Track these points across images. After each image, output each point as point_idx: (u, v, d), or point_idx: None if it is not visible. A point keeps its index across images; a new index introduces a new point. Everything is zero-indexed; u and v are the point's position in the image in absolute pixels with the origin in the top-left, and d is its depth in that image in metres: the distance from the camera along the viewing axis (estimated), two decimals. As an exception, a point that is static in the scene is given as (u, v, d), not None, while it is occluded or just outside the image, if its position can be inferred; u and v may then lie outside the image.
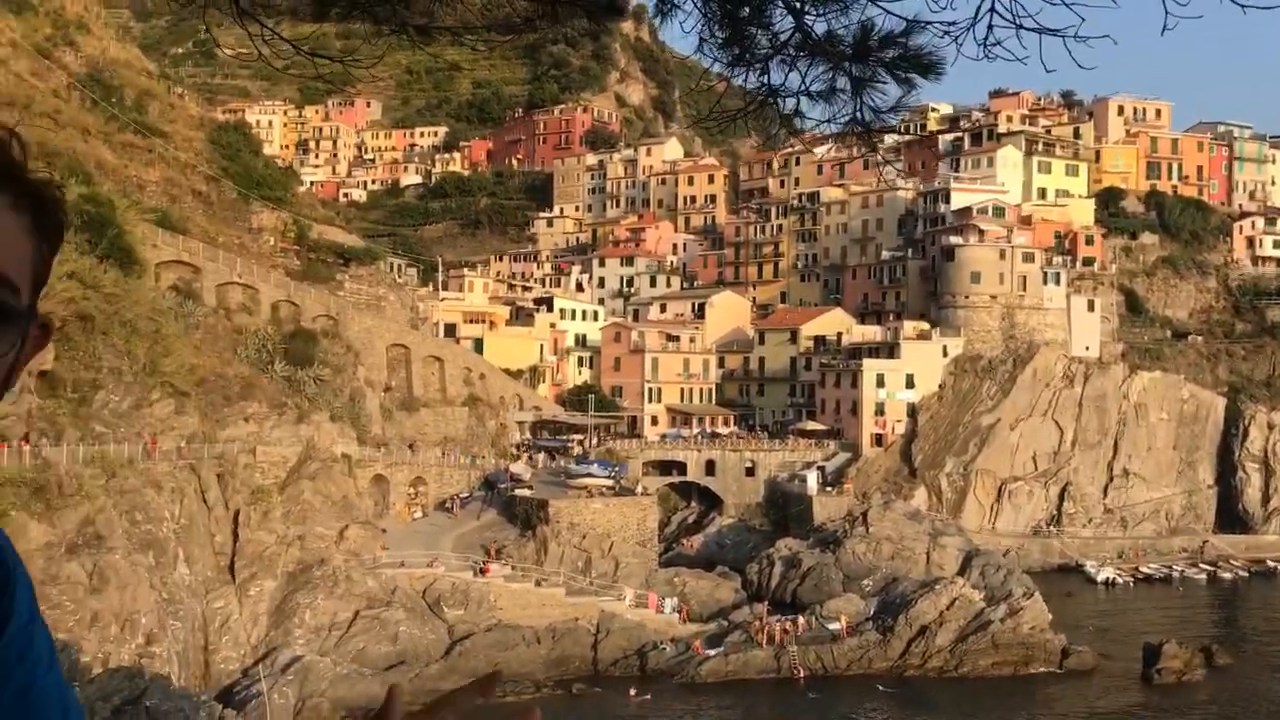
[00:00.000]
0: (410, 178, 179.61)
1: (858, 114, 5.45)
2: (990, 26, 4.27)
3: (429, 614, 54.92)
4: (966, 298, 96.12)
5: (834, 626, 57.52)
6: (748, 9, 5.41)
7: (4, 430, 40.22)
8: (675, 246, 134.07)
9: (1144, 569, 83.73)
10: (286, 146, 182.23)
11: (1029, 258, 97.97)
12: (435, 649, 52.81)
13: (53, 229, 1.22)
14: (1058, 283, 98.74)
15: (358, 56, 5.06)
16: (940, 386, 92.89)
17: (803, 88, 5.28)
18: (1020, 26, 4.16)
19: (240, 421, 55.66)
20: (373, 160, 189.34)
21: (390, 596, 53.61)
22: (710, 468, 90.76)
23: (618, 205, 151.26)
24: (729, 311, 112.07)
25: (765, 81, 5.52)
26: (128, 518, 42.67)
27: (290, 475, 55.35)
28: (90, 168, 61.00)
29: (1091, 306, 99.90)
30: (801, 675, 54.03)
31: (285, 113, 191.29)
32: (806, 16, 4.81)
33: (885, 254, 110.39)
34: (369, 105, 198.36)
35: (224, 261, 67.35)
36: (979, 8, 4.22)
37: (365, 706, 46.75)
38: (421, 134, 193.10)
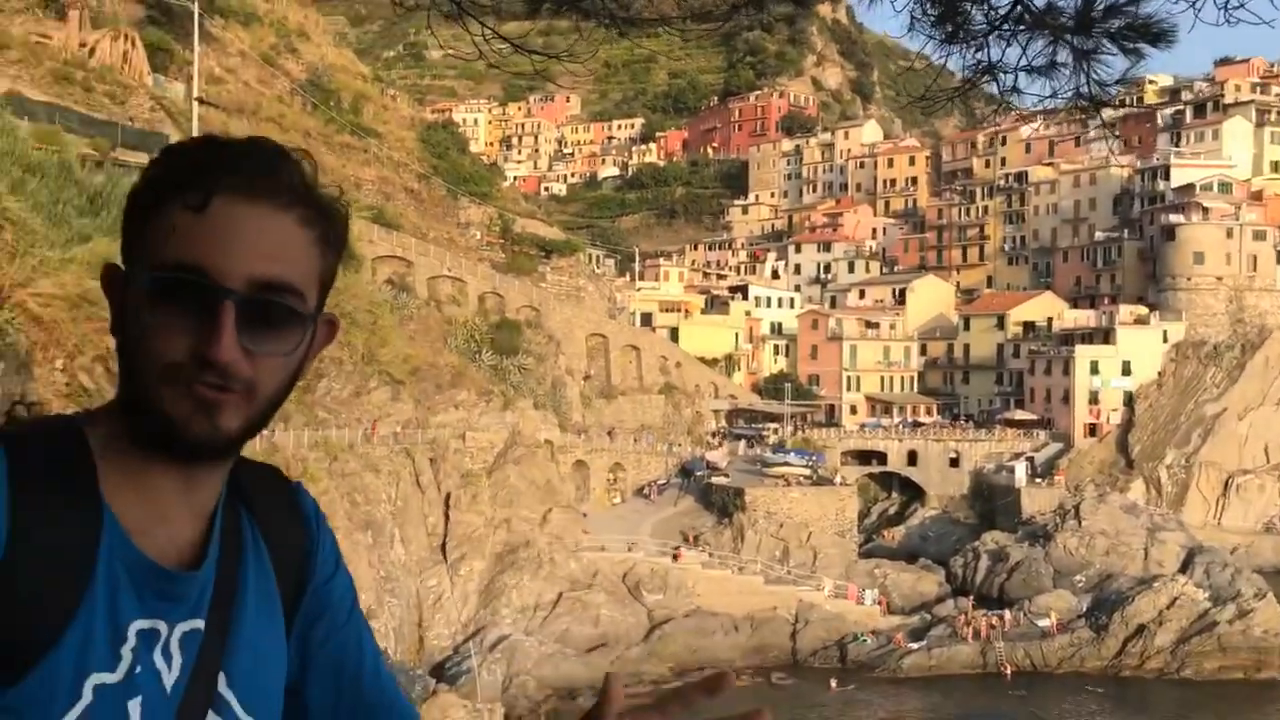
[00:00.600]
0: (607, 170, 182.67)
1: (1081, 88, 5.22)
2: (1233, -12, 4.00)
3: (629, 598, 55.86)
4: (1189, 280, 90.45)
5: (1043, 623, 55.33)
6: (962, -17, 5.25)
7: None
8: (874, 231, 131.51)
9: (1394, 572, 76.95)
10: (491, 143, 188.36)
11: (1260, 236, 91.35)
12: (635, 632, 53.68)
13: (338, 239, 1.37)
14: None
15: (570, 52, 5.19)
16: (1159, 374, 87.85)
17: (1021, 63, 5.10)
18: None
19: (450, 408, 57.97)
20: (572, 154, 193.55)
21: (592, 579, 54.81)
22: (912, 458, 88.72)
23: (814, 191, 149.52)
24: (931, 297, 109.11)
25: (981, 58, 5.35)
26: (348, 499, 45.12)
27: (497, 460, 57.32)
28: (312, 169, 64.56)
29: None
30: (1009, 672, 52.29)
31: (489, 110, 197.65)
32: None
33: (1099, 235, 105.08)
34: (568, 100, 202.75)
35: (434, 255, 70.19)
36: (1221, -31, 3.96)
37: (568, 686, 48.06)
38: (619, 126, 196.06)
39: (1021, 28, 5.02)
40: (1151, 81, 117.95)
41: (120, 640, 1.22)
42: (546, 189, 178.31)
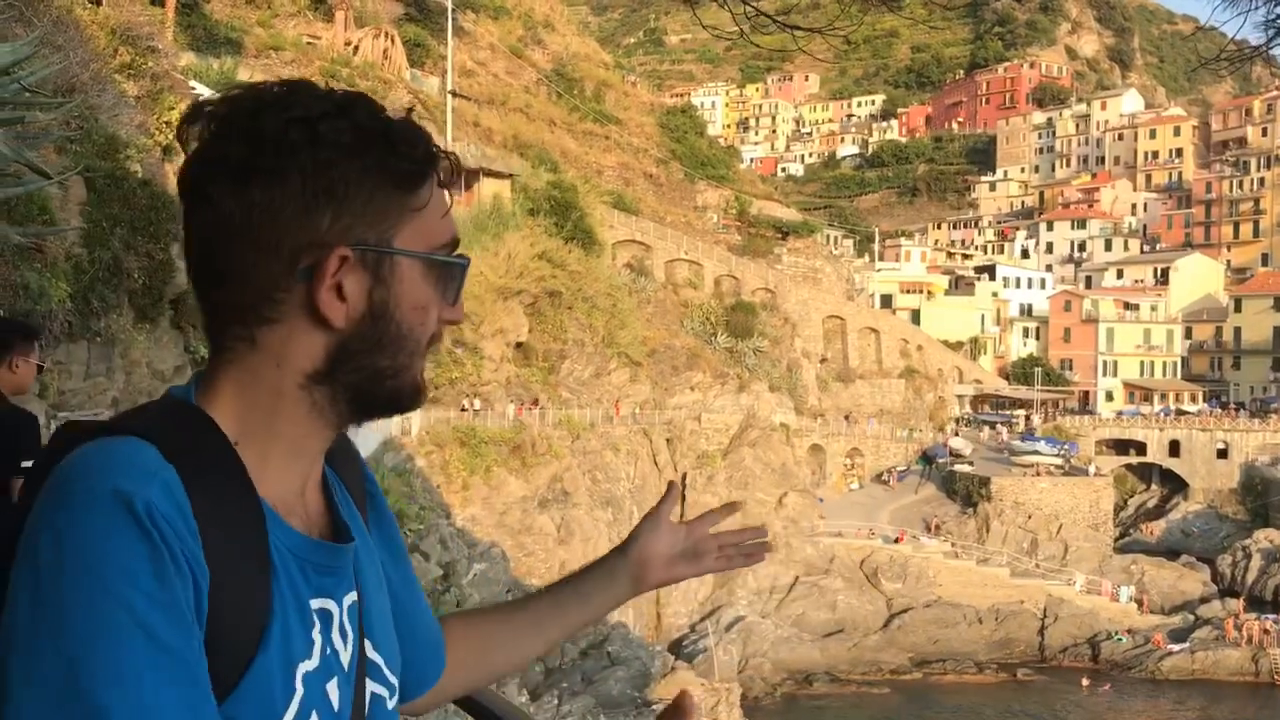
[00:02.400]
0: (847, 149, 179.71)
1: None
2: None
3: (866, 585, 54.99)
4: None
5: (1326, 632, 50.78)
6: (1260, -69, 4.77)
7: (489, 395, 45.12)
8: (1134, 207, 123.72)
9: None
10: (728, 126, 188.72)
11: None
12: (874, 620, 52.81)
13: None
14: None
15: (832, 26, 5.05)
16: None
17: (1331, 15, 4.58)
18: None
19: (687, 390, 58.61)
20: (810, 134, 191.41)
21: (828, 565, 54.27)
22: (1174, 449, 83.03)
23: (1068, 165, 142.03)
24: (1197, 276, 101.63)
25: (1278, 14, 4.85)
26: (589, 476, 46.41)
27: (732, 442, 57.56)
28: (556, 156, 66.65)
29: None
30: (1284, 683, 48.31)
31: (727, 94, 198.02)
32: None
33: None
34: (806, 79, 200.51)
35: (672, 239, 71.03)
36: None
37: (804, 670, 47.82)
38: (859, 104, 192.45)
39: (1332, -24, 4.52)
40: None
41: (309, 624, 1.24)
42: (784, 170, 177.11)
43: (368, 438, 32.10)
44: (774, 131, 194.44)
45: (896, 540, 58.24)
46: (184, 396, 1.25)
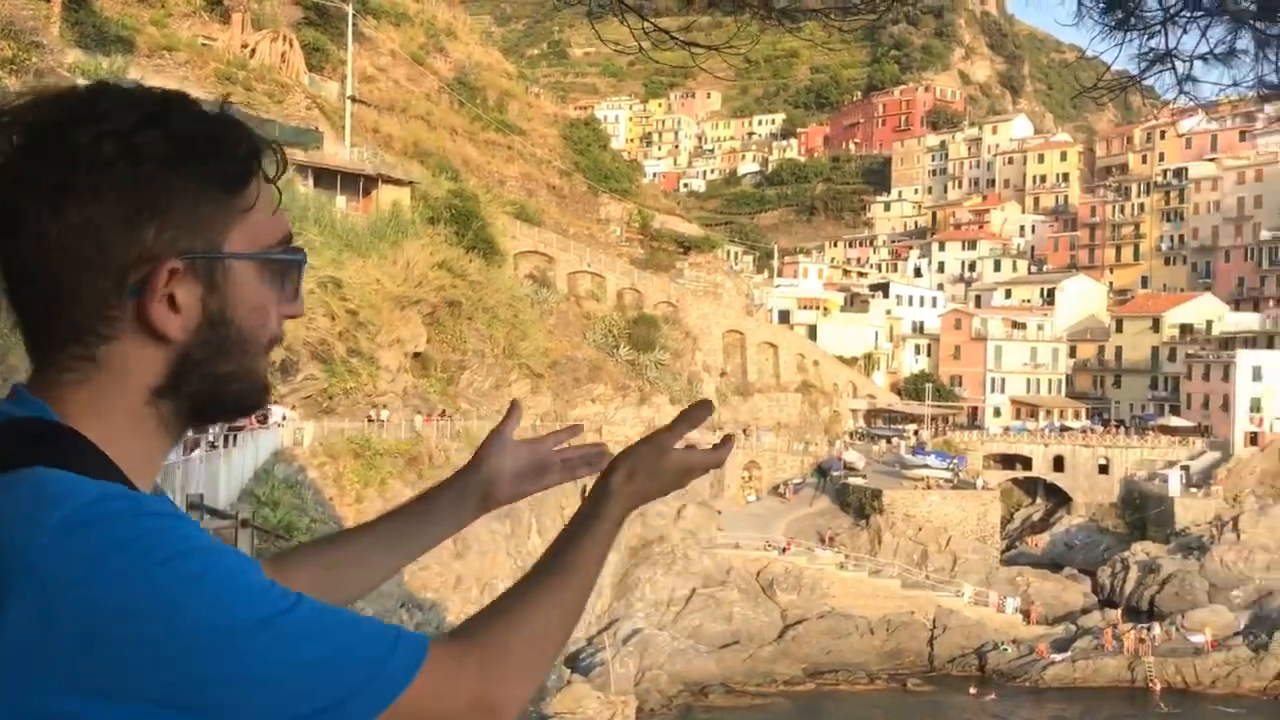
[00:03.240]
0: (747, 166, 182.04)
1: (1264, 76, 4.93)
2: None
3: (762, 596, 55.57)
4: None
5: (1197, 639, 52.88)
6: (1136, -31, 5.01)
7: (385, 405, 44.49)
8: (1022, 229, 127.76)
9: None
10: (632, 140, 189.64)
11: None
12: (769, 631, 53.37)
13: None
14: None
15: (730, 44, 5.14)
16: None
17: (1199, 50, 4.84)
18: None
19: (588, 402, 58.66)
20: (712, 150, 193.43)
21: (725, 576, 54.72)
22: (1058, 463, 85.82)
23: (960, 187, 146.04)
24: (1082, 297, 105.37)
25: (1155, 46, 5.10)
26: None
27: (632, 455, 57.65)
28: (457, 165, 66.18)
29: None
30: (1158, 688, 50.14)
31: (631, 108, 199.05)
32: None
33: (1265, 233, 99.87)
34: (709, 96, 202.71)
35: (574, 251, 71.08)
36: None
37: (700, 682, 48.08)
38: (759, 122, 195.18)
39: (1200, 13, 4.76)
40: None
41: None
42: (686, 185, 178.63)
43: (259, 449, 31.38)
44: (676, 147, 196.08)
45: (784, 550, 59.05)
46: (39, 415, 1.20)
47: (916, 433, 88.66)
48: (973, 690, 50.05)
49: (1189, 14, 4.74)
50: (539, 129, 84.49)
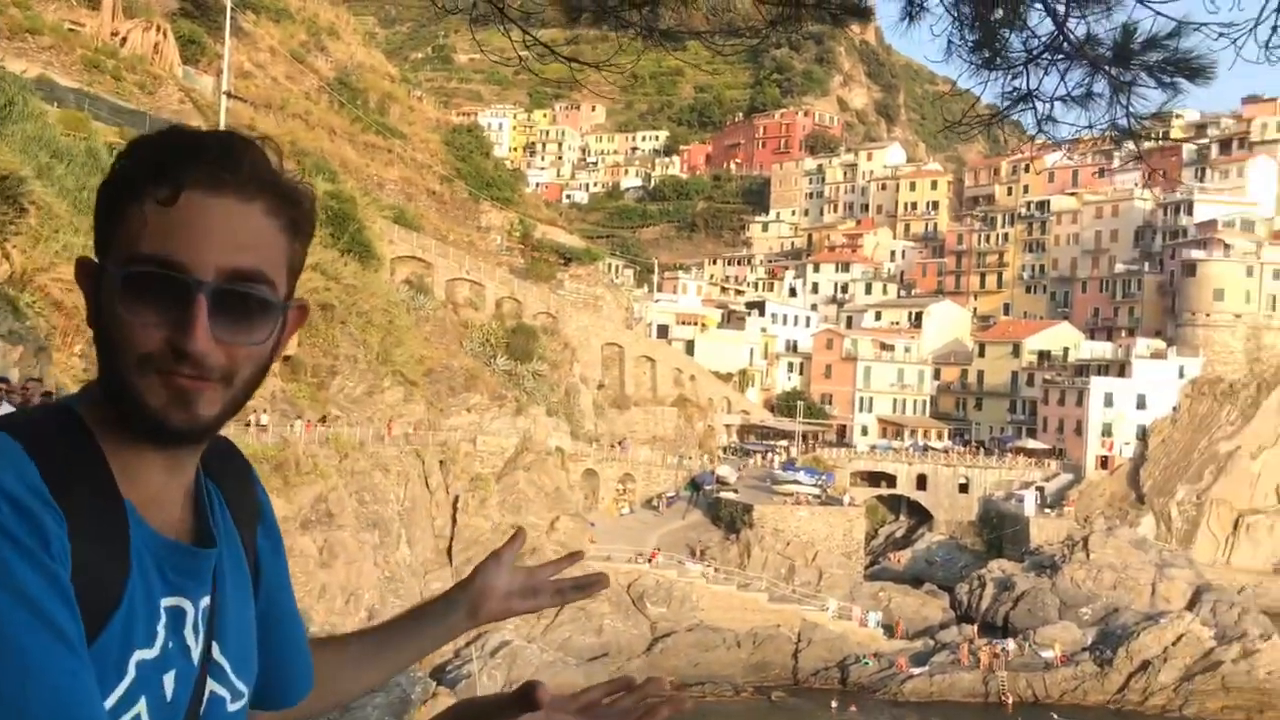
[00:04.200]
0: (630, 180, 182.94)
1: (1116, 120, 5.22)
2: (1275, 28, 3.99)
3: (633, 609, 55.77)
4: (1208, 316, 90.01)
5: (1047, 654, 55.03)
6: (1002, 11, 5.26)
7: (250, 409, 43.28)
8: (893, 253, 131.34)
9: (1404, 619, 76.31)
10: (515, 149, 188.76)
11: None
12: (638, 644, 53.57)
13: (306, 225, 1.40)
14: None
15: (611, 62, 5.21)
16: (1174, 409, 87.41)
17: (1059, 92, 5.10)
18: (1314, 27, 3.87)
19: (463, 411, 58.07)
20: (595, 163, 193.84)
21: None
22: (922, 482, 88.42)
23: (835, 210, 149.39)
24: (948, 322, 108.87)
25: (1018, 86, 5.35)
26: (356, 498, 45.19)
27: (507, 465, 57.35)
28: (335, 166, 64.96)
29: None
30: (1010, 702, 51.99)
31: (515, 116, 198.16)
32: (1068, 19, 4.64)
33: (1119, 267, 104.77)
34: (593, 109, 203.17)
35: (454, 258, 70.40)
36: (1264, 7, 3.95)
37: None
38: (643, 138, 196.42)
39: (1060, 57, 5.02)
40: (1178, 116, 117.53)
41: (156, 618, 1.29)
42: (568, 197, 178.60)
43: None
44: (560, 158, 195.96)
45: (649, 559, 59.44)
46: (71, 402, 1.34)
47: (787, 449, 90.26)
48: (834, 703, 51.07)
49: (1050, 57, 4.99)
50: (421, 133, 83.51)
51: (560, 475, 62.87)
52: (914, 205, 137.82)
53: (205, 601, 1.37)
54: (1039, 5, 4.86)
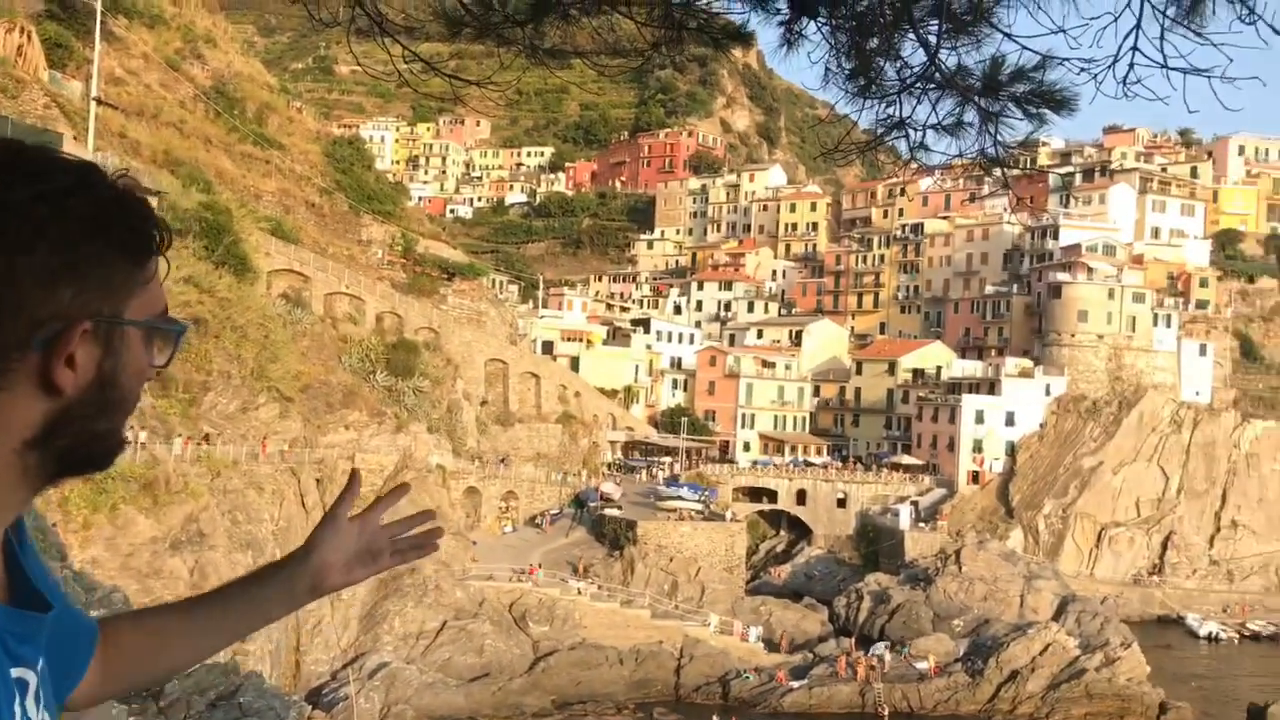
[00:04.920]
0: (515, 196, 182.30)
1: (985, 148, 5.40)
2: (1132, 65, 4.19)
3: (515, 628, 55.30)
4: (1072, 336, 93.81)
5: (922, 666, 56.40)
6: (877, 41, 5.40)
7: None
8: (775, 273, 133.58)
9: (1251, 625, 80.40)
10: (398, 162, 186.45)
11: (1139, 298, 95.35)
12: (520, 664, 53.11)
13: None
14: (1169, 325, 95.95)
15: (491, 80, 5.19)
16: (1041, 426, 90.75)
17: (931, 121, 5.26)
18: (1166, 67, 4.08)
19: (341, 428, 56.90)
20: (480, 178, 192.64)
21: (478, 609, 54.14)
22: (801, 497, 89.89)
23: (719, 230, 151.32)
24: (827, 340, 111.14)
25: (892, 114, 5.50)
26: (229, 517, 43.85)
27: (386, 483, 56.31)
28: (210, 176, 63.18)
29: (1203, 351, 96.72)
30: (886, 713, 53.07)
31: (398, 129, 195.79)
32: (940, 51, 4.78)
33: (989, 288, 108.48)
34: (478, 124, 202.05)
35: (333, 272, 69.09)
36: (1120, 45, 4.15)
37: (447, 716, 47.24)
38: (528, 154, 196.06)
39: (932, 87, 5.17)
40: (1044, 144, 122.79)
41: (10, 696, 1.25)
42: (452, 211, 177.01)
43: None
44: (444, 172, 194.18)
45: (528, 573, 59.13)
46: None
47: (671, 465, 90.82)
48: (715, 718, 51.41)
49: (922, 86, 5.14)
50: (300, 145, 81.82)
51: (441, 494, 62.06)
52: (794, 226, 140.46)
53: (41, 664, 1.33)
54: (912, 36, 5.00)
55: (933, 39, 4.84)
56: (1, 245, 1.19)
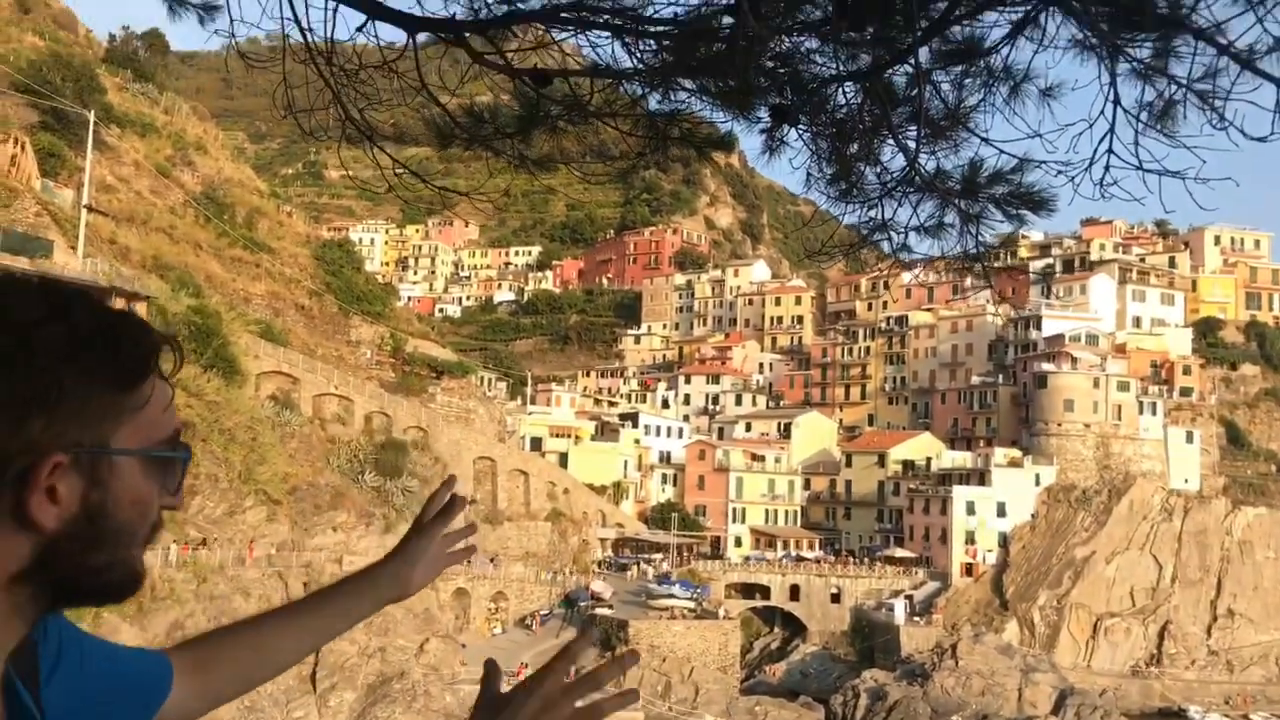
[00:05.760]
0: (504, 294, 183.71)
1: (967, 248, 5.51)
2: (1108, 167, 4.31)
3: (506, 733, 54.08)
4: (1059, 426, 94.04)
5: (922, 765, 55.28)
6: (857, 146, 5.55)
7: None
8: (761, 366, 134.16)
9: (1253, 716, 79.18)
10: (387, 263, 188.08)
11: (1124, 386, 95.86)
12: (511, 770, 51.78)
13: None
14: (1154, 413, 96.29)
15: (479, 190, 5.30)
16: (1033, 516, 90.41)
17: (912, 222, 5.37)
18: (1141, 168, 4.19)
19: (329, 530, 56.35)
20: (469, 277, 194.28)
21: (468, 713, 52.98)
22: (795, 593, 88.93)
23: (705, 324, 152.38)
24: (815, 432, 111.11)
25: (874, 216, 5.62)
26: (215, 624, 43.09)
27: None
28: (200, 280, 63.57)
29: (1190, 438, 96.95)
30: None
31: (387, 231, 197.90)
32: (919, 155, 4.92)
33: (975, 379, 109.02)
34: (467, 225, 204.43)
35: (322, 373, 69.14)
36: (1096, 149, 4.27)
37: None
38: (516, 253, 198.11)
39: (912, 190, 5.30)
40: (1024, 237, 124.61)
41: None
42: (441, 310, 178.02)
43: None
44: (433, 272, 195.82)
45: (516, 674, 57.93)
46: None
47: (662, 562, 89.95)
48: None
49: (903, 190, 5.26)
50: (289, 248, 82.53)
51: (430, 595, 61.23)
52: (780, 319, 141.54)
53: None
54: (891, 142, 5.14)
55: (912, 144, 4.97)
56: None
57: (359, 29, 5.12)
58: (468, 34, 5.00)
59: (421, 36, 5.13)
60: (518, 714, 1.53)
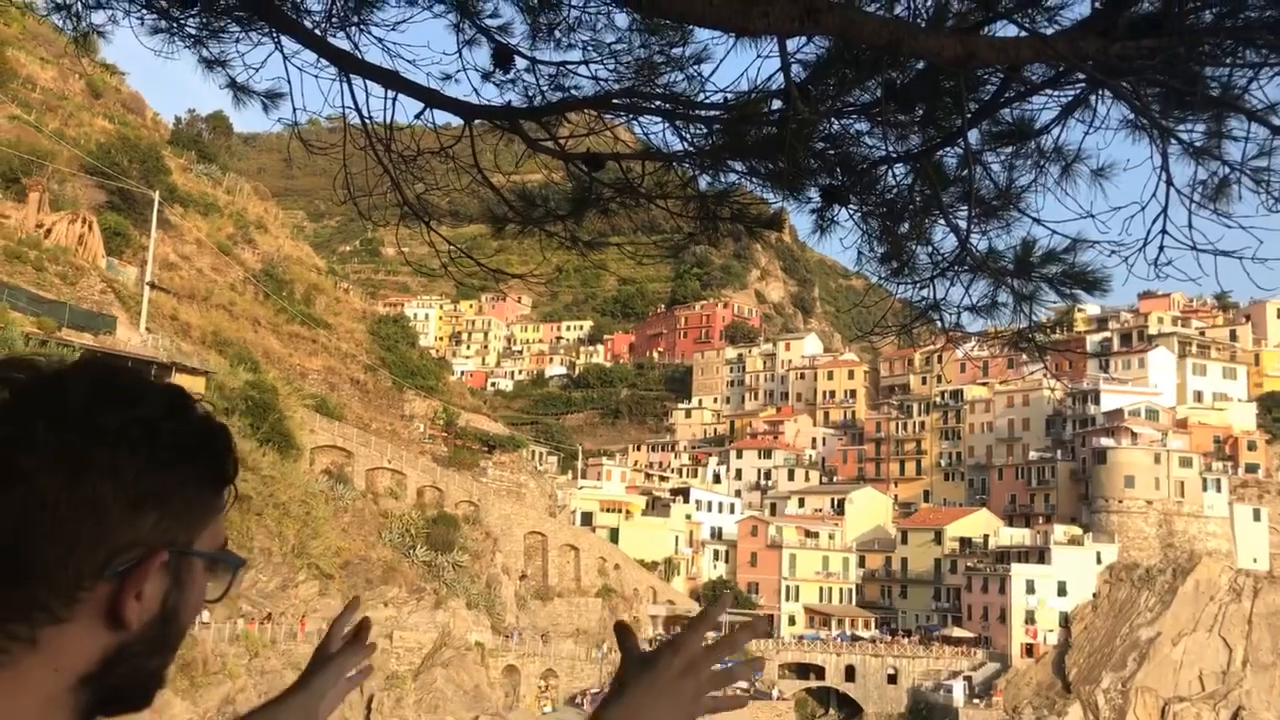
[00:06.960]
0: (555, 369, 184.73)
1: (1022, 329, 5.47)
2: (1162, 247, 4.27)
3: (555, 815, 53.24)
4: (1120, 502, 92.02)
5: None
6: (908, 226, 5.55)
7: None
8: (814, 440, 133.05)
9: (1334, 809, 75.85)
10: (441, 338, 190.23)
11: (1186, 462, 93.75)
12: None
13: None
14: (1219, 490, 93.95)
15: (533, 274, 5.38)
16: (1094, 595, 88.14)
17: (965, 302, 5.34)
18: (1195, 248, 4.15)
19: (380, 605, 56.32)
20: (521, 352, 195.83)
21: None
22: (850, 673, 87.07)
23: (756, 398, 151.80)
24: (870, 509, 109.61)
25: (926, 295, 5.60)
26: (267, 699, 43.09)
27: (425, 661, 55.36)
28: (258, 356, 64.70)
29: (1258, 515, 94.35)
30: None
31: (441, 307, 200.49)
32: (970, 235, 4.91)
33: (1033, 454, 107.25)
34: (520, 300, 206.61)
35: (375, 447, 69.69)
36: (1150, 229, 4.24)
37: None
38: (568, 327, 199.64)
39: (964, 270, 5.28)
40: (1080, 310, 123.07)
41: None
42: (494, 384, 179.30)
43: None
44: (486, 347, 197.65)
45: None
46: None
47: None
48: None
49: (955, 270, 5.25)
50: (346, 323, 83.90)
51: (480, 672, 60.78)
52: (832, 394, 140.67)
53: None
54: (943, 221, 5.14)
55: (963, 224, 4.97)
56: (93, 470, 1.12)
57: (416, 116, 5.25)
58: (522, 120, 5.10)
59: (477, 121, 5.26)
60: (664, 672, 1.54)
